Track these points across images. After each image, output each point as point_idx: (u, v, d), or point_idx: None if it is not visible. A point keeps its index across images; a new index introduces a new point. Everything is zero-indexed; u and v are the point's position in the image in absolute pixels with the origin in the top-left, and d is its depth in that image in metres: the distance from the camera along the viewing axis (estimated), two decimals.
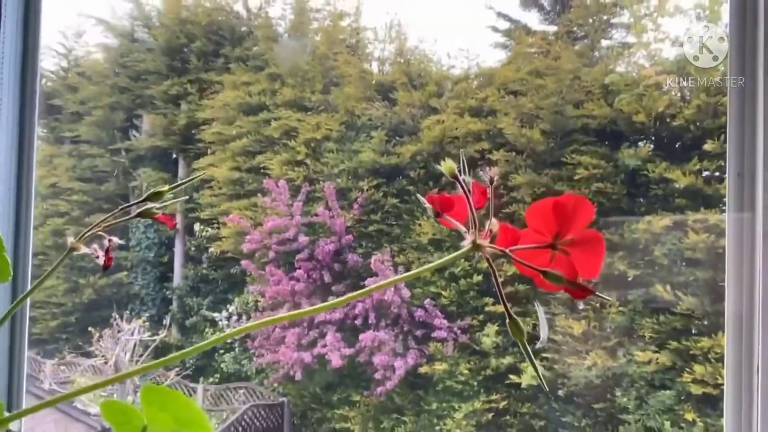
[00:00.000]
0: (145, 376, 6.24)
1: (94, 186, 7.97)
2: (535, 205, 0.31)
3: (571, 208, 0.30)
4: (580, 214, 0.30)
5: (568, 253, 0.30)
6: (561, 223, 0.30)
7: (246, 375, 6.67)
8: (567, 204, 0.30)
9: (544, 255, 0.31)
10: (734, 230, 0.83)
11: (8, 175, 1.13)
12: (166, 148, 7.73)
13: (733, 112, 0.84)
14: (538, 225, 0.31)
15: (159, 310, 7.73)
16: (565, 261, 0.30)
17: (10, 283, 1.12)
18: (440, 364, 5.45)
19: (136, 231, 7.89)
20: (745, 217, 0.85)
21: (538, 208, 0.31)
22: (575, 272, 0.30)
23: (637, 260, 4.99)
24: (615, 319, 5.02)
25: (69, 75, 8.32)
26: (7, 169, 1.13)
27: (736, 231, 0.83)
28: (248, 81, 7.05)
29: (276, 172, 6.41)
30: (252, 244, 6.21)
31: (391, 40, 7.41)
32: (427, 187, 5.85)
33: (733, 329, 0.87)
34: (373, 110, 6.23)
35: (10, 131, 1.13)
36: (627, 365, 4.91)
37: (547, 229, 0.30)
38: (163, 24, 7.79)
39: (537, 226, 0.31)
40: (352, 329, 5.77)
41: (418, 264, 5.72)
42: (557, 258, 0.30)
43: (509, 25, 7.39)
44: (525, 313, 5.42)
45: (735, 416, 0.86)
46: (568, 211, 0.30)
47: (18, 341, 1.14)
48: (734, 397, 0.87)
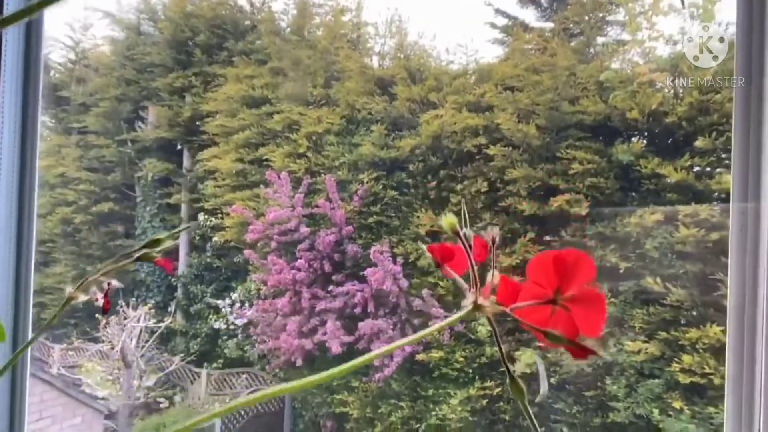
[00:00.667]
0: (151, 360, 6.27)
1: (101, 176, 7.96)
2: (536, 258, 0.31)
3: (572, 263, 0.30)
4: (581, 270, 0.29)
5: (568, 309, 0.29)
6: (561, 277, 0.29)
7: (248, 361, 6.70)
8: (567, 258, 0.30)
9: (545, 309, 0.30)
10: (738, 220, 0.81)
11: (11, 165, 1.12)
12: (171, 139, 7.71)
13: (739, 101, 0.82)
14: (539, 277, 0.30)
15: (164, 296, 7.76)
16: (566, 317, 0.30)
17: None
18: (437, 352, 5.46)
19: (141, 220, 7.90)
20: (749, 207, 0.83)
21: (539, 260, 0.30)
22: (576, 329, 0.29)
23: (629, 253, 5.00)
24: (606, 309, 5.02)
25: (76, 67, 8.29)
26: (10, 158, 1.12)
27: (740, 221, 0.81)
28: (251, 74, 7.02)
29: (278, 164, 6.40)
30: (254, 234, 6.21)
31: (392, 35, 7.37)
32: (426, 180, 5.84)
33: (735, 321, 0.85)
34: (373, 104, 6.20)
35: (13, 119, 1.11)
36: (617, 354, 4.92)
37: (547, 282, 0.30)
38: (168, 17, 7.75)
39: (537, 279, 0.30)
40: (351, 318, 5.78)
41: (416, 254, 5.72)
42: (558, 313, 0.30)
43: (507, 21, 7.35)
44: None
45: (735, 408, 0.85)
46: (568, 265, 0.29)
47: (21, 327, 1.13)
48: (735, 388, 0.85)
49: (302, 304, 5.91)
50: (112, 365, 5.34)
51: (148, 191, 7.78)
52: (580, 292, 0.29)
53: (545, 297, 0.30)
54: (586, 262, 0.30)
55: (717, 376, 4.42)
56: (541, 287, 0.30)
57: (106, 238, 7.77)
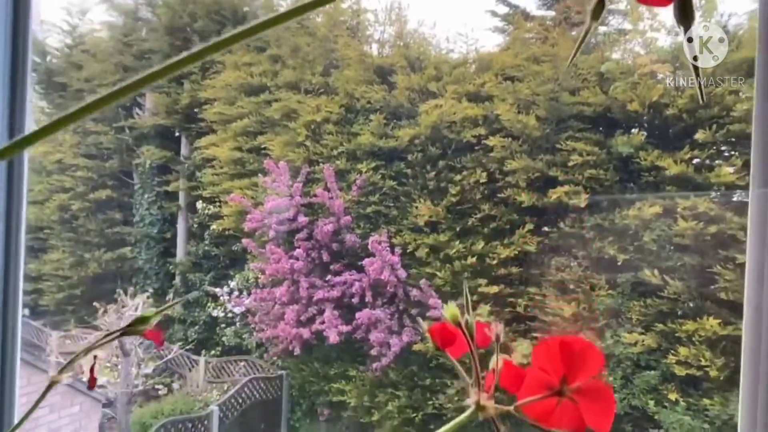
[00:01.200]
0: (148, 348, 6.28)
1: (98, 162, 7.93)
2: (542, 343, 0.29)
3: (579, 352, 0.28)
4: (588, 360, 0.28)
5: (575, 401, 0.28)
6: (568, 366, 0.28)
7: (246, 349, 6.72)
8: (575, 346, 0.28)
9: (551, 399, 0.29)
10: (758, 206, 0.77)
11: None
12: (169, 126, 7.67)
13: (762, 86, 0.79)
14: (544, 363, 0.29)
15: (162, 284, 7.76)
16: (573, 408, 0.28)
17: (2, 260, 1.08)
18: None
19: (139, 207, 7.88)
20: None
21: (545, 346, 0.29)
22: (583, 422, 0.28)
23: (627, 245, 4.99)
24: (604, 301, 5.04)
25: (73, 52, 8.21)
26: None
27: (759, 207, 0.77)
28: (250, 62, 6.96)
29: (276, 152, 6.37)
30: (253, 222, 6.20)
31: (391, 22, 7.30)
32: (425, 171, 5.82)
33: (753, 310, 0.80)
34: (372, 93, 6.16)
35: (1, 101, 1.08)
36: (614, 346, 4.94)
37: (553, 369, 0.28)
38: (166, 3, 7.66)
39: (543, 365, 0.29)
40: (349, 307, 5.79)
41: (414, 245, 5.71)
42: (564, 403, 0.28)
43: (508, 9, 7.29)
44: (518, 294, 5.45)
45: (750, 402, 0.82)
46: (575, 354, 0.28)
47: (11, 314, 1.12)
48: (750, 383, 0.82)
49: (300, 293, 5.92)
50: (110, 353, 5.35)
51: (146, 178, 7.75)
52: (588, 384, 0.28)
53: (550, 384, 0.29)
54: (593, 352, 0.28)
55: (713, 368, 4.44)
56: (547, 374, 0.29)
57: (104, 225, 7.75)
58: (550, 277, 5.26)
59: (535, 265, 5.38)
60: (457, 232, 5.62)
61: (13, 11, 1.12)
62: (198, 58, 0.23)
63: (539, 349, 0.29)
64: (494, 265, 5.43)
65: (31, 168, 8.16)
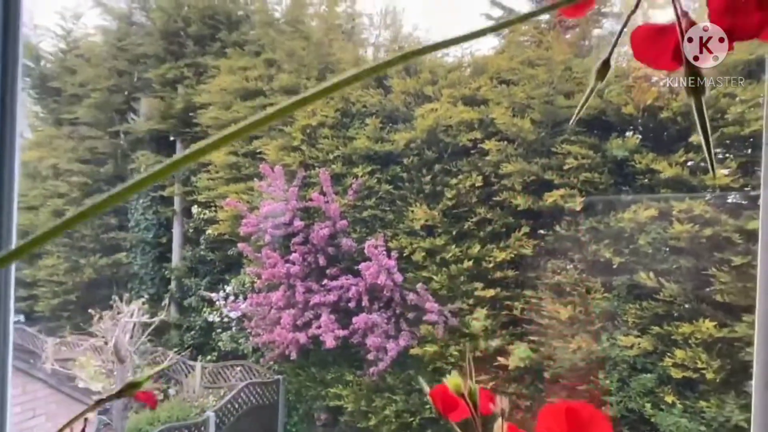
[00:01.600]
0: (144, 354, 6.26)
1: (93, 168, 7.91)
2: (549, 407, 0.29)
3: (587, 420, 0.28)
4: (595, 429, 0.28)
5: None
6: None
7: (243, 353, 6.71)
8: (582, 413, 0.28)
9: None
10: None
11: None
12: (164, 131, 7.66)
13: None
14: (551, 428, 0.28)
15: (158, 289, 7.74)
16: None
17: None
18: (431, 346, 5.47)
19: (134, 212, 7.86)
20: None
21: (551, 410, 0.29)
22: None
23: (623, 248, 5.00)
24: (600, 304, 5.04)
25: (67, 57, 8.19)
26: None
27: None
28: (245, 66, 6.96)
29: (272, 157, 6.36)
30: (248, 227, 6.19)
31: (386, 26, 7.33)
32: (420, 174, 5.82)
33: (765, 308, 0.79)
34: (368, 97, 6.16)
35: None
36: (610, 349, 4.94)
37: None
38: (160, 7, 7.65)
39: (549, 429, 0.28)
40: (345, 311, 5.79)
41: (410, 249, 5.72)
42: None
43: (502, 12, 7.32)
44: (514, 297, 5.45)
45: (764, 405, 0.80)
46: (583, 422, 0.28)
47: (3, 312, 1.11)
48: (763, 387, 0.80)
49: (296, 298, 5.91)
50: (106, 359, 5.33)
51: None
52: None
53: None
54: (601, 421, 0.28)
55: (709, 370, 4.45)
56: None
57: (99, 231, 7.73)
58: (547, 280, 5.26)
59: (531, 268, 5.38)
60: (453, 236, 5.62)
61: (3, 14, 1.11)
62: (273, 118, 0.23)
63: (545, 413, 0.28)
64: (490, 269, 5.44)
65: (25, 173, 8.15)
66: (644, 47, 0.33)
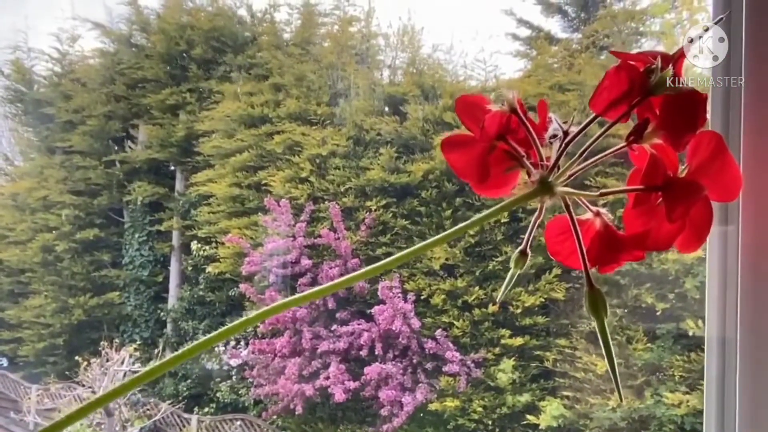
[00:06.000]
0: (135, 406, 6.21)
1: (86, 199, 7.99)
2: None
3: None
4: None
5: None
6: None
7: (243, 406, 6.62)
8: None
9: None
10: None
11: None
12: (163, 160, 7.74)
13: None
14: None
15: (152, 333, 7.71)
16: None
17: None
18: (452, 401, 5.37)
19: (129, 248, 7.90)
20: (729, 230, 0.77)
21: None
22: None
23: (667, 292, 4.90)
24: (642, 355, 4.92)
25: (63, 81, 8.37)
26: None
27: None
28: (250, 91, 7.05)
29: (278, 189, 6.38)
30: (251, 266, 6.18)
31: (404, 47, 7.39)
32: (440, 209, 5.79)
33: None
34: (382, 125, 6.19)
35: None
36: (655, 407, 4.80)
37: None
38: (162, 29, 7.82)
39: None
40: (357, 360, 5.71)
41: (429, 291, 5.66)
42: None
43: (530, 32, 7.34)
44: (545, 346, 5.35)
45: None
46: None
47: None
48: None
49: (303, 345, 5.85)
50: (93, 413, 5.30)
51: (137, 217, 7.79)
52: None
53: None
54: None
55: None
56: None
57: (91, 268, 7.77)
58: (581, 327, 5.17)
59: (563, 314, 5.31)
60: (476, 277, 5.56)
61: None
62: None
63: None
64: (518, 314, 5.36)
65: (13, 205, 8.27)
66: (557, 241, 0.38)
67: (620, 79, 0.35)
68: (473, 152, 0.39)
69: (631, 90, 0.35)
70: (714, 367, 0.55)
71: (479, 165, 0.39)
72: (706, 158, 0.35)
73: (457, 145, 0.40)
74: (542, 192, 0.36)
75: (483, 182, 0.39)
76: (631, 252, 0.37)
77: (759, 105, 0.52)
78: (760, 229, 0.54)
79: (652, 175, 0.35)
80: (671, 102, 0.35)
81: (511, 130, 0.39)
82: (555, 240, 0.37)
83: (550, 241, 0.38)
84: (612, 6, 6.43)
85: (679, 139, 0.35)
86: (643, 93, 0.35)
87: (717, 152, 0.35)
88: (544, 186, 0.36)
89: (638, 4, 6.12)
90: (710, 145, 0.35)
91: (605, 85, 0.35)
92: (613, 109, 0.36)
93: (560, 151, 0.38)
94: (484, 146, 0.38)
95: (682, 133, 0.35)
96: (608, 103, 0.35)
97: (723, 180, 0.35)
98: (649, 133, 0.35)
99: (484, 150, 0.39)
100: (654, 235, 0.36)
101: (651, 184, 0.35)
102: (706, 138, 0.36)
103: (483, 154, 0.39)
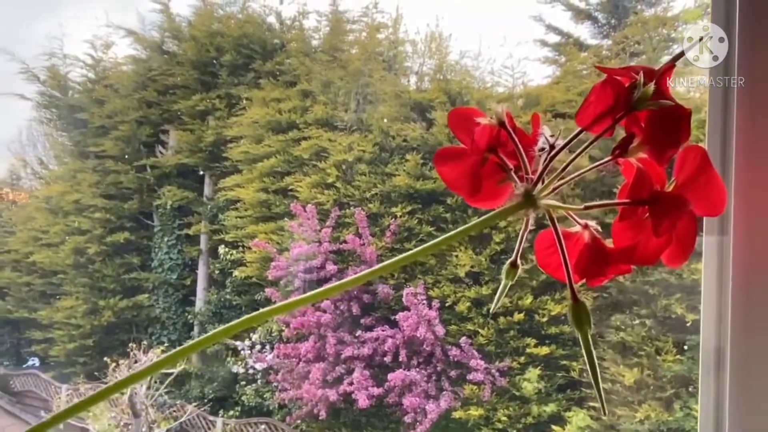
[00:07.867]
0: (162, 407, 6.30)
1: (117, 203, 8.15)
2: None
3: None
4: None
5: None
6: None
7: (268, 410, 6.67)
8: None
9: None
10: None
11: None
12: (193, 165, 7.87)
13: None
14: None
15: (180, 335, 7.83)
16: None
17: None
18: (476, 409, 5.33)
19: (158, 251, 8.03)
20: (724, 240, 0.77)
21: None
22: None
23: (697, 303, 4.80)
24: (671, 367, 4.83)
25: (96, 87, 8.57)
26: None
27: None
28: (278, 97, 7.13)
29: (304, 194, 6.43)
30: (277, 270, 6.23)
31: (431, 54, 7.40)
32: (465, 215, 5.78)
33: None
34: (409, 131, 6.20)
35: None
36: (684, 419, 4.71)
37: None
38: (193, 36, 7.97)
39: None
40: (381, 367, 5.71)
41: (454, 298, 5.64)
42: None
43: (559, 38, 7.28)
44: (572, 356, 5.29)
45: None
46: None
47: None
48: None
49: (327, 350, 5.87)
50: (120, 412, 5.39)
51: (167, 220, 7.93)
52: None
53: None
54: None
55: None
56: None
57: (121, 270, 7.92)
58: (609, 338, 5.09)
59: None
60: None
61: None
62: None
63: None
64: (544, 323, 5.31)
65: (47, 208, 8.48)
66: (546, 254, 0.39)
67: (606, 93, 0.36)
68: (465, 165, 0.40)
69: (615, 105, 0.36)
70: (711, 377, 0.56)
71: (471, 177, 0.40)
72: (692, 173, 0.36)
73: (449, 157, 0.41)
74: (526, 205, 0.37)
75: (475, 195, 0.40)
76: (619, 266, 0.38)
77: (759, 105, 0.53)
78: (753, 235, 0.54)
79: (638, 189, 0.35)
80: (654, 117, 0.36)
81: (502, 142, 0.40)
82: (544, 253, 0.38)
83: (540, 254, 0.39)
84: (643, 12, 6.35)
85: (662, 154, 0.36)
86: (627, 108, 0.36)
87: (702, 167, 0.36)
88: (528, 199, 0.37)
89: (670, 10, 6.04)
90: (695, 160, 0.36)
91: (591, 99, 0.36)
92: (598, 124, 0.36)
93: (545, 164, 0.38)
94: (475, 159, 0.40)
95: (665, 148, 0.36)
96: (594, 118, 0.36)
97: (708, 195, 0.36)
98: (634, 147, 0.36)
99: (476, 163, 0.40)
100: (642, 249, 0.36)
101: (637, 197, 0.35)
102: (692, 153, 0.36)
103: (474, 167, 0.40)
